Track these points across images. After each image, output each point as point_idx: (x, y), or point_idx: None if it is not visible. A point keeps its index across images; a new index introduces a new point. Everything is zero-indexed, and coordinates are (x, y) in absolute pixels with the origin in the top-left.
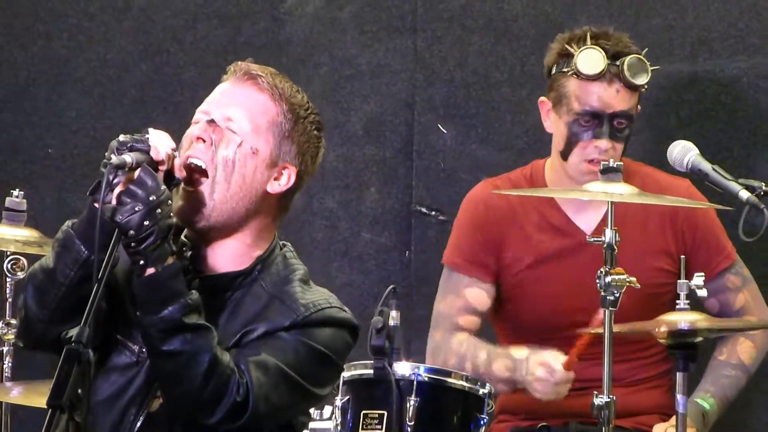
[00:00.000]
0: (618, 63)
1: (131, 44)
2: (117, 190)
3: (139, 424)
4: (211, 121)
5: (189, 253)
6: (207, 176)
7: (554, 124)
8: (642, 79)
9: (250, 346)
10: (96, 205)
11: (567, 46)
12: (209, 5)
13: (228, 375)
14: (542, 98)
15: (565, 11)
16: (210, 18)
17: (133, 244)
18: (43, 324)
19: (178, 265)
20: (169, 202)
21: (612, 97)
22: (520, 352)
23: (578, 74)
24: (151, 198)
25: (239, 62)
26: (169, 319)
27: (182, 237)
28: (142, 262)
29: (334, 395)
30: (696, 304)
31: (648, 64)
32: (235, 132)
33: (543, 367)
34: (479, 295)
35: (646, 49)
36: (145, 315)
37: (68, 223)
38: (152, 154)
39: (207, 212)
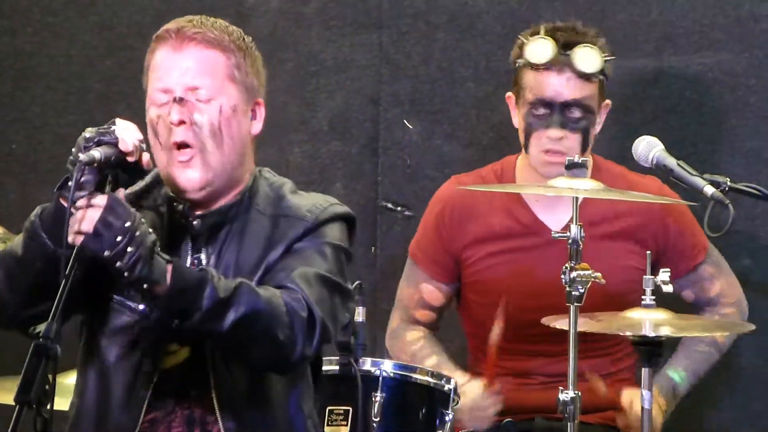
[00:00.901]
0: (568, 52)
1: (96, 40)
2: (90, 219)
3: (153, 383)
4: (180, 100)
5: (181, 206)
6: (200, 155)
7: (517, 117)
8: (591, 68)
9: (278, 268)
10: (62, 201)
11: (522, 38)
12: (174, 1)
13: (282, 303)
14: (508, 93)
15: (531, 7)
16: (175, 13)
17: (126, 274)
18: (15, 306)
19: (176, 262)
20: (143, 219)
21: (562, 86)
22: (460, 377)
23: (530, 65)
24: (127, 224)
25: (168, 27)
26: (211, 308)
27: (170, 194)
28: (145, 285)
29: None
30: (662, 300)
31: (601, 54)
32: (207, 100)
33: (469, 399)
34: (433, 292)
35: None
36: (186, 320)
37: (38, 210)
38: (120, 146)
39: (208, 185)
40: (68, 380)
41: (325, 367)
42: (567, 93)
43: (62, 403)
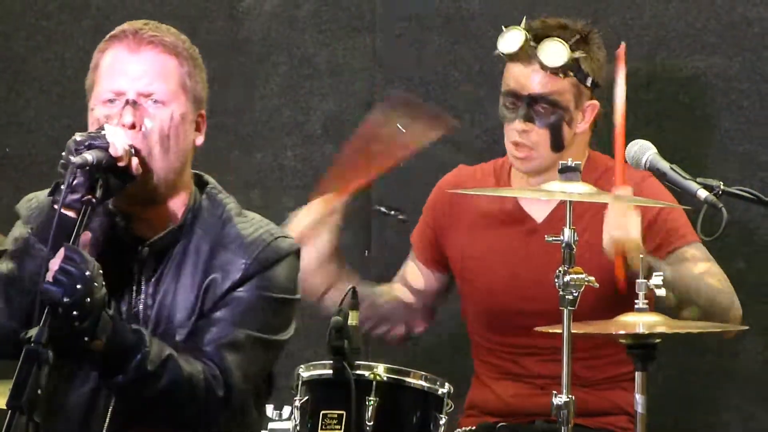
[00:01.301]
0: (534, 44)
1: (89, 43)
2: (53, 268)
3: (111, 408)
4: (133, 103)
5: (123, 223)
6: (146, 160)
7: None
8: (555, 62)
9: (214, 320)
10: (55, 206)
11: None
12: (166, 4)
13: (202, 381)
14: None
15: (524, 10)
16: (167, 17)
17: (76, 323)
18: (16, 334)
19: (117, 320)
20: (100, 270)
21: (527, 78)
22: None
23: (501, 56)
24: (86, 273)
25: (124, 28)
26: (135, 377)
27: (110, 207)
28: (86, 338)
29: (293, 395)
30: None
31: (569, 49)
32: (159, 105)
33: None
34: (415, 272)
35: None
36: (109, 378)
37: (18, 232)
38: (111, 151)
39: (152, 190)
40: None
41: (318, 371)
42: (533, 86)
43: None
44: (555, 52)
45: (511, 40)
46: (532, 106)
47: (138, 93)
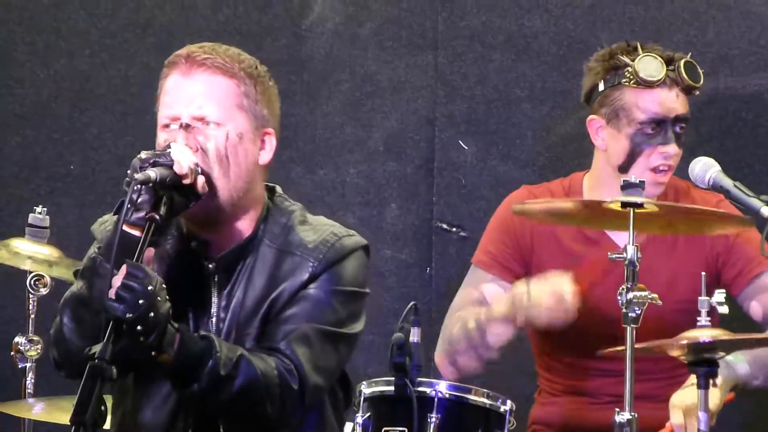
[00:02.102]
0: (673, 67)
1: (153, 61)
2: (115, 285)
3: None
4: (186, 126)
5: (194, 244)
6: (207, 180)
7: (611, 139)
8: (698, 80)
9: (284, 318)
10: (125, 226)
11: (616, 59)
12: (231, 22)
13: (276, 377)
14: (591, 117)
15: (586, 28)
16: (231, 35)
17: (141, 339)
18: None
19: (184, 332)
20: (163, 285)
21: (673, 102)
22: (518, 284)
23: (639, 82)
24: (149, 288)
25: (179, 52)
26: (210, 383)
27: (184, 232)
28: (153, 353)
29: (354, 412)
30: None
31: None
32: (214, 126)
33: (552, 296)
34: (496, 290)
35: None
36: (185, 389)
37: (93, 250)
38: (175, 168)
39: (215, 210)
40: None
41: (380, 388)
42: (678, 108)
43: None
44: (696, 71)
45: (655, 67)
46: (676, 126)
47: (191, 117)
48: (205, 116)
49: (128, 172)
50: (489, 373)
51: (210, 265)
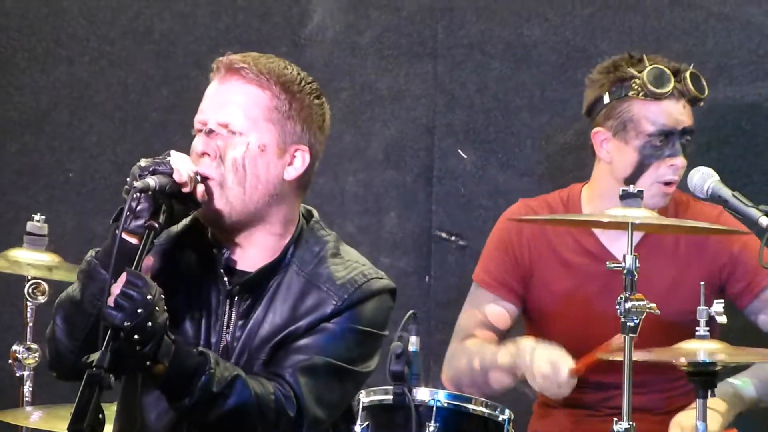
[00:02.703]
0: (679, 78)
1: (153, 69)
2: (114, 292)
3: None
4: (210, 132)
5: (224, 256)
6: (219, 188)
7: (617, 151)
8: (704, 91)
9: (295, 348)
10: (125, 235)
11: (622, 70)
12: (231, 31)
13: (273, 401)
14: (596, 129)
15: (586, 37)
16: (231, 43)
17: (138, 348)
18: (74, 355)
19: (179, 344)
20: (162, 295)
21: (681, 113)
22: (527, 340)
23: (647, 94)
24: (148, 297)
25: (221, 58)
26: (201, 398)
27: (209, 237)
28: (148, 363)
29: (355, 419)
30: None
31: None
32: (236, 134)
33: (550, 366)
34: (500, 313)
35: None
36: (176, 402)
37: (91, 252)
38: (174, 176)
39: (225, 217)
40: None
41: (379, 397)
42: (686, 120)
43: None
44: (701, 83)
45: (664, 78)
46: (683, 138)
47: (217, 123)
48: (229, 123)
49: (128, 179)
50: None
51: (234, 288)
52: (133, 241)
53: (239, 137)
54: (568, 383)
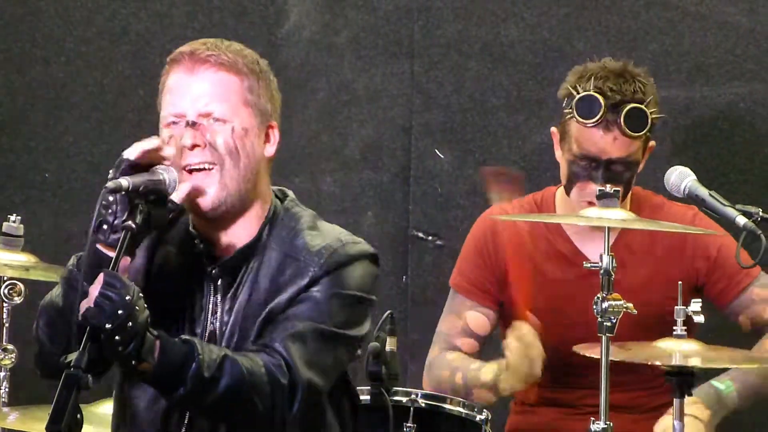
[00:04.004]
0: (616, 111)
1: (129, 69)
2: (92, 294)
3: (184, 429)
4: (193, 124)
5: (201, 245)
6: (219, 173)
7: (560, 157)
8: (639, 131)
9: (282, 318)
10: (99, 245)
11: (575, 85)
12: (206, 30)
13: (264, 374)
14: (553, 129)
15: (563, 37)
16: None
17: (120, 348)
18: (57, 357)
19: (164, 338)
20: (140, 295)
21: (609, 144)
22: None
23: (577, 119)
24: (127, 298)
25: (182, 49)
26: (194, 386)
27: (191, 229)
28: (134, 362)
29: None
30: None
31: (649, 113)
32: (219, 121)
33: (513, 337)
34: (479, 319)
35: (651, 95)
36: (170, 394)
37: (73, 259)
38: (126, 155)
39: (222, 202)
40: (99, 409)
41: None
42: (613, 152)
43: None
44: (638, 120)
45: (591, 109)
46: (610, 168)
47: (198, 114)
48: (212, 113)
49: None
50: None
51: (213, 270)
52: (111, 254)
53: (223, 124)
54: (539, 357)
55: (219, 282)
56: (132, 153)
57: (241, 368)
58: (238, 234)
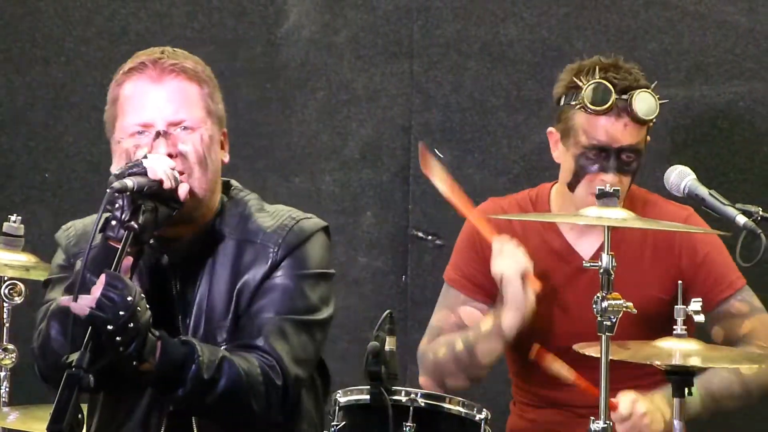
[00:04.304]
0: (626, 97)
1: None
2: (95, 294)
3: (164, 428)
4: (164, 133)
5: (157, 246)
6: (188, 182)
7: (562, 155)
8: (650, 115)
9: (255, 311)
10: (110, 242)
11: (575, 78)
12: (206, 30)
13: (260, 375)
14: (550, 129)
15: (562, 36)
16: (206, 43)
17: (122, 349)
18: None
19: (165, 339)
20: (142, 295)
21: (619, 132)
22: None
23: (586, 108)
24: (129, 299)
25: (142, 59)
26: (194, 387)
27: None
28: (135, 362)
29: (330, 420)
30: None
31: (657, 98)
32: (189, 131)
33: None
34: (473, 314)
35: (656, 82)
36: (169, 394)
37: (79, 262)
38: (149, 174)
39: (192, 210)
40: None
41: (355, 397)
42: (624, 139)
43: None
44: (649, 104)
45: (603, 96)
46: (620, 156)
47: (167, 123)
48: (182, 120)
49: (107, 190)
50: None
51: (164, 258)
52: (113, 243)
53: (192, 132)
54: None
55: (178, 276)
56: (153, 173)
57: (239, 370)
58: (195, 228)
